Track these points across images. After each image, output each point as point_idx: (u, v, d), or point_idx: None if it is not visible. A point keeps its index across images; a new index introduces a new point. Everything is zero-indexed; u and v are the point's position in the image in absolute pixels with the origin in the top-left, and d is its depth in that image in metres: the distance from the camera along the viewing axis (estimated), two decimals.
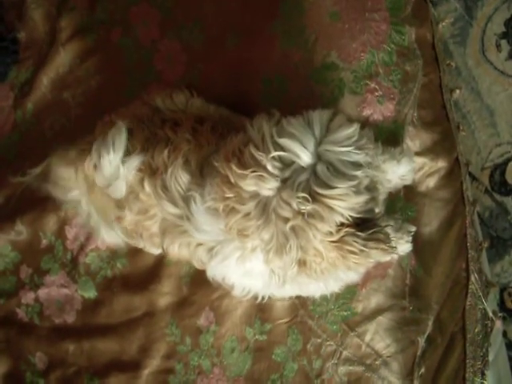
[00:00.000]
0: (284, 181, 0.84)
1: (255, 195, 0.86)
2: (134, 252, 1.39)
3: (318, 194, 0.83)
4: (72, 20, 1.51)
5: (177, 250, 1.13)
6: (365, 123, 1.29)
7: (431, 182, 1.34)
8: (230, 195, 0.89)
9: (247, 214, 0.87)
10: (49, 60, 1.50)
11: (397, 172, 1.23)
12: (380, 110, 1.32)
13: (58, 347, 1.43)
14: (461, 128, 1.45)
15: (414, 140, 1.33)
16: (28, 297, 1.45)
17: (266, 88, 1.36)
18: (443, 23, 1.51)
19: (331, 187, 0.83)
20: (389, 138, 1.31)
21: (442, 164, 1.34)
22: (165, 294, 1.37)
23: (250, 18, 1.40)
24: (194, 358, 1.36)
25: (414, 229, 1.27)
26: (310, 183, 0.83)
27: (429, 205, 1.33)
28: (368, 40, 1.32)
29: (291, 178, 0.84)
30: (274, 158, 0.85)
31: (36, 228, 1.44)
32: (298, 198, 0.83)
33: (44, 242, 1.44)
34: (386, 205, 1.20)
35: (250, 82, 1.38)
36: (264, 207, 0.86)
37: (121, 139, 1.12)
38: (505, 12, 1.62)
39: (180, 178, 1.07)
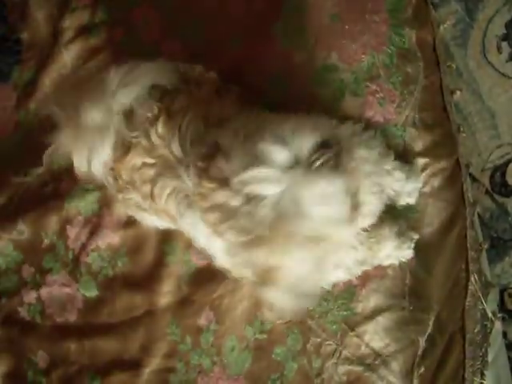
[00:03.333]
0: None
1: None
2: (135, 251, 1.40)
3: None
4: (74, 21, 1.52)
5: (164, 201, 1.09)
6: (367, 125, 1.29)
7: (435, 182, 1.33)
8: None
9: None
10: (51, 61, 1.51)
11: (404, 187, 1.25)
12: (381, 112, 1.32)
13: (59, 346, 1.44)
14: (461, 129, 1.45)
15: (415, 142, 1.33)
16: (30, 296, 1.46)
17: (266, 88, 1.36)
18: (444, 25, 1.50)
19: None
20: (391, 140, 1.31)
21: (444, 165, 1.34)
22: (165, 294, 1.37)
23: (252, 19, 1.40)
24: (194, 357, 1.37)
25: (416, 236, 1.28)
26: None
27: (432, 205, 1.32)
28: (368, 42, 1.32)
29: None
30: None
31: (38, 227, 1.45)
32: None
33: (46, 241, 1.45)
34: (388, 207, 1.22)
35: (250, 81, 1.37)
36: None
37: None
38: (506, 14, 1.62)
39: (195, 126, 1.06)
